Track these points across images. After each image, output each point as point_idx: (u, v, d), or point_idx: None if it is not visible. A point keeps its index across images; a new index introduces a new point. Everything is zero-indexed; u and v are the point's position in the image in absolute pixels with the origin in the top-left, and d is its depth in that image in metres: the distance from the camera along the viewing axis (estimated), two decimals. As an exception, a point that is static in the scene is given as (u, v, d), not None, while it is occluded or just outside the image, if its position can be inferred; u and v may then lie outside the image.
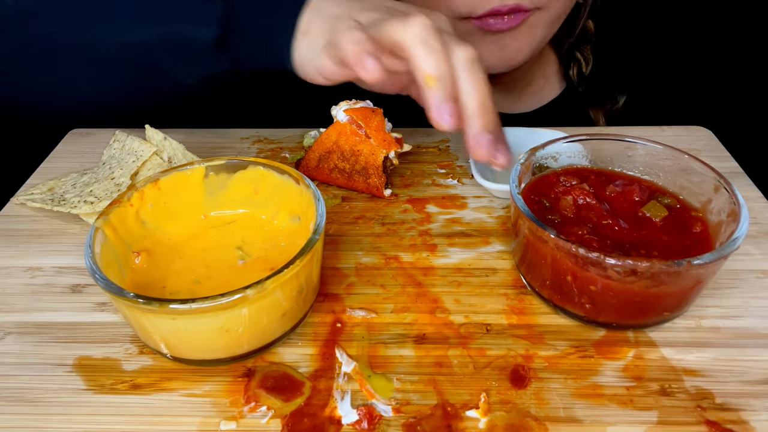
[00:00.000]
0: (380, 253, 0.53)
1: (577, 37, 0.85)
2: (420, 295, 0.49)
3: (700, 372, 0.42)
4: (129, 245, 0.47)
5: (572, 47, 0.87)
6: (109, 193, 0.55)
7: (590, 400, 0.40)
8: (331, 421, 0.39)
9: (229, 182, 0.51)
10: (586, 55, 0.87)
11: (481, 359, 0.43)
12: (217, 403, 0.41)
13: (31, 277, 0.51)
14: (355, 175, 0.60)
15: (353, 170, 0.59)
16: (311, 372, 0.43)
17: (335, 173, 0.60)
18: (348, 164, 0.59)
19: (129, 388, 0.42)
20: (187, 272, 0.46)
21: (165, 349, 0.42)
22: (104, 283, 0.40)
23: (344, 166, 0.60)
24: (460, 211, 0.58)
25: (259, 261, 0.47)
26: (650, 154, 0.52)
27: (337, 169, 0.60)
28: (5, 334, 0.46)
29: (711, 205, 0.47)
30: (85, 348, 0.45)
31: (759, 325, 0.46)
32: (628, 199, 0.50)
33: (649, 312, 0.44)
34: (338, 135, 0.60)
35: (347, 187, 0.61)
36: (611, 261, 0.40)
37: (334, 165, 0.60)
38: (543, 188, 0.51)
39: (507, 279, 0.50)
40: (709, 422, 0.39)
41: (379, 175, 0.59)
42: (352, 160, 0.59)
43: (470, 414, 0.40)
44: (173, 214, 0.50)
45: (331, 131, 0.60)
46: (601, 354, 0.44)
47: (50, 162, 0.66)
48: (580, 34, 0.84)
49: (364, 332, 0.46)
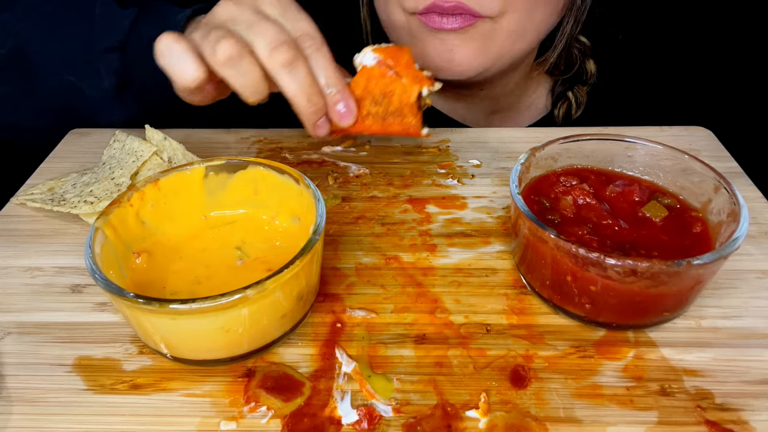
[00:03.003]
0: (380, 253, 0.53)
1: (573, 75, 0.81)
2: (420, 295, 0.49)
3: (700, 372, 0.42)
4: (129, 245, 0.47)
5: (566, 84, 0.83)
6: (109, 193, 0.55)
7: (590, 400, 0.41)
8: (331, 421, 0.39)
9: (229, 182, 0.51)
10: (580, 97, 0.82)
11: (481, 359, 0.43)
12: (217, 403, 0.41)
13: (31, 277, 0.51)
14: (390, 118, 0.57)
15: (387, 113, 0.57)
16: (311, 372, 0.43)
17: (369, 120, 0.57)
18: (381, 108, 0.57)
19: (129, 388, 0.42)
20: (187, 272, 0.46)
21: (165, 349, 0.42)
22: (104, 283, 0.40)
23: (377, 110, 0.57)
24: (460, 211, 0.58)
25: (258, 261, 0.47)
26: (650, 154, 0.52)
27: (370, 116, 0.57)
28: (5, 334, 0.46)
29: (711, 205, 0.47)
30: (85, 348, 0.45)
31: (759, 325, 0.46)
32: (628, 199, 0.50)
33: (649, 312, 0.44)
34: (367, 80, 0.57)
35: (382, 133, 0.58)
36: (611, 261, 0.40)
37: (366, 112, 0.57)
38: (543, 188, 0.51)
39: (507, 279, 0.50)
40: (709, 422, 0.39)
41: (414, 113, 0.57)
42: (385, 103, 0.57)
43: (470, 414, 0.40)
44: (173, 214, 0.50)
45: (359, 78, 0.57)
46: (601, 354, 0.44)
47: (50, 162, 0.66)
48: (576, 73, 0.81)
49: (364, 332, 0.46)
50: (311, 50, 0.52)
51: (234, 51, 0.48)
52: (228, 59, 0.48)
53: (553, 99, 0.85)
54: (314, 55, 0.52)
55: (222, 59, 0.48)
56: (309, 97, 0.52)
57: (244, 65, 0.49)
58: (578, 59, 0.80)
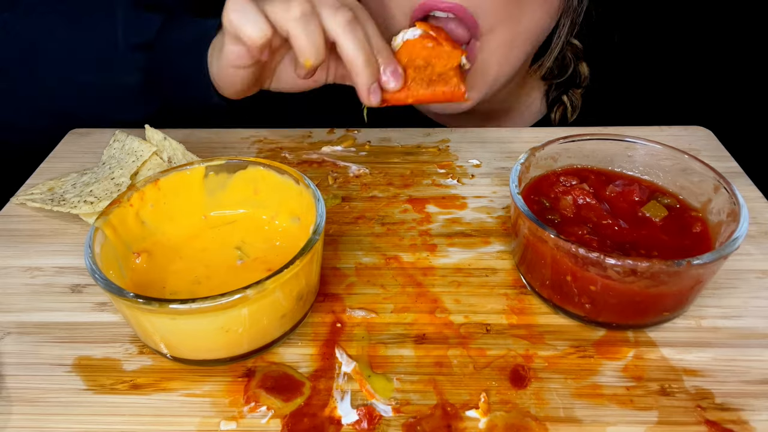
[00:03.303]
0: (380, 253, 0.53)
1: (567, 79, 0.80)
2: (420, 295, 0.49)
3: (700, 372, 0.42)
4: (129, 245, 0.47)
5: (560, 88, 0.82)
6: (109, 193, 0.55)
7: (590, 400, 0.41)
8: (331, 421, 0.39)
9: (229, 182, 0.51)
10: (575, 100, 0.81)
11: (481, 359, 0.43)
12: (217, 403, 0.41)
13: (31, 277, 0.51)
14: (435, 83, 0.58)
15: (431, 78, 0.58)
16: (311, 372, 0.43)
17: (414, 85, 0.59)
18: (426, 73, 0.59)
19: (129, 388, 0.42)
20: (187, 272, 0.46)
21: (165, 349, 0.42)
22: (104, 283, 0.40)
23: (422, 76, 0.58)
24: (460, 211, 0.58)
25: (258, 261, 0.47)
26: (650, 154, 0.52)
27: (415, 81, 0.59)
28: (5, 334, 0.46)
29: (711, 205, 0.47)
30: (85, 348, 0.45)
31: (759, 325, 0.46)
32: (628, 199, 0.50)
33: (649, 312, 0.44)
34: (408, 54, 0.59)
35: (428, 99, 0.59)
36: (611, 261, 0.40)
37: (411, 78, 0.59)
38: (543, 188, 0.51)
39: (507, 279, 0.50)
40: (709, 422, 0.39)
41: (459, 75, 0.58)
42: (429, 69, 0.58)
43: (470, 414, 0.40)
44: (173, 214, 0.50)
45: (401, 54, 0.59)
46: (601, 354, 0.44)
47: (50, 162, 0.66)
48: (570, 76, 0.80)
49: (364, 332, 0.46)
50: (363, 18, 0.55)
51: (307, 8, 0.51)
52: (302, 15, 0.51)
53: (549, 103, 0.84)
54: (366, 23, 0.55)
55: (297, 14, 0.51)
56: (367, 57, 0.54)
57: (312, 25, 0.52)
58: (571, 62, 0.79)
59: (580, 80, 0.80)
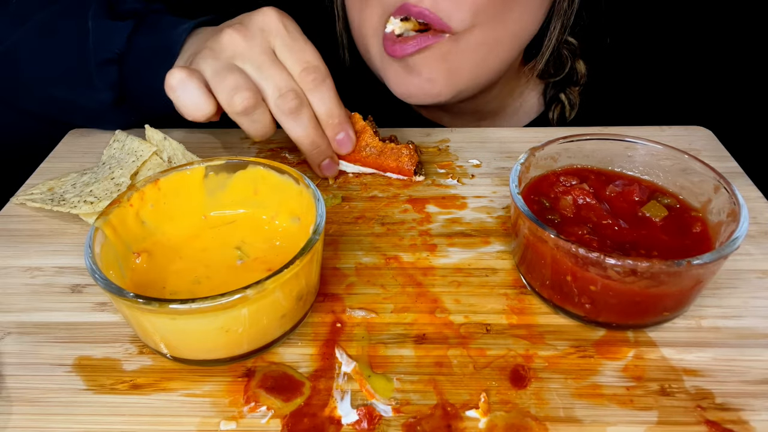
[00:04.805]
0: (380, 253, 0.53)
1: (564, 77, 0.79)
2: (420, 295, 0.49)
3: (700, 372, 0.42)
4: (129, 245, 0.47)
5: (557, 86, 0.81)
6: (108, 193, 0.55)
7: (590, 400, 0.41)
8: (331, 421, 0.39)
9: (229, 182, 0.51)
10: (573, 98, 0.80)
11: (481, 359, 0.43)
12: (217, 403, 0.41)
13: (31, 277, 0.51)
14: (386, 154, 0.59)
15: (384, 148, 0.59)
16: (311, 372, 0.43)
17: (365, 152, 0.60)
18: (379, 143, 0.60)
19: (129, 388, 0.42)
20: (187, 272, 0.46)
21: (165, 349, 0.42)
22: (104, 283, 0.40)
23: (375, 144, 0.60)
24: (460, 211, 0.58)
25: (258, 261, 0.47)
26: (650, 154, 0.52)
27: (368, 147, 0.60)
28: (5, 334, 0.46)
29: (711, 205, 0.47)
30: (85, 348, 0.45)
31: (759, 325, 0.46)
32: (628, 199, 0.50)
33: (649, 312, 0.44)
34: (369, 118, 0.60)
35: (377, 167, 0.61)
36: (611, 261, 0.40)
37: (365, 143, 0.60)
38: (543, 188, 0.51)
39: (507, 279, 0.50)
40: (709, 422, 0.39)
41: (410, 155, 0.59)
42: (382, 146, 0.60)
43: (470, 414, 0.40)
44: (173, 214, 0.50)
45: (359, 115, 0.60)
46: (601, 354, 0.44)
47: (50, 162, 0.66)
48: (567, 74, 0.79)
49: (364, 332, 0.46)
50: (315, 83, 0.56)
51: (250, 103, 0.53)
52: (244, 110, 0.54)
53: (546, 102, 0.84)
54: (318, 88, 0.56)
55: (239, 110, 0.54)
56: (312, 141, 0.57)
57: (257, 114, 0.54)
58: (568, 60, 0.79)
59: (578, 78, 0.80)
